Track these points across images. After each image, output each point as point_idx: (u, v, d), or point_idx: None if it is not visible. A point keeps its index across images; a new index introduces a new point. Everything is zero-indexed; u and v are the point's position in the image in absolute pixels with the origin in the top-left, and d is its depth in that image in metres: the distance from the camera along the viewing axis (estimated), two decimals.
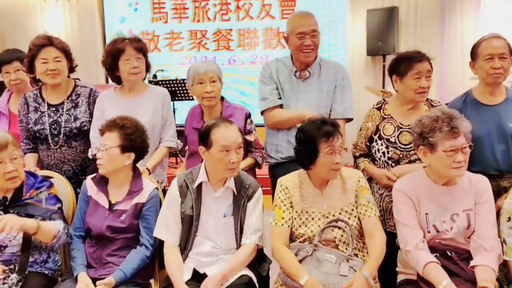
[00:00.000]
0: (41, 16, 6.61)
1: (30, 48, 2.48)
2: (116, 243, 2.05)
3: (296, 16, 2.70)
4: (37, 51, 2.45)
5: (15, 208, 2.02)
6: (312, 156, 1.95)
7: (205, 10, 6.45)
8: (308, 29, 2.49)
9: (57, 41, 2.52)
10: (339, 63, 2.69)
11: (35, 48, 2.45)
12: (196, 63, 2.54)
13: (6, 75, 2.76)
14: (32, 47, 2.46)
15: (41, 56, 2.45)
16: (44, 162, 2.54)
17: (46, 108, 2.54)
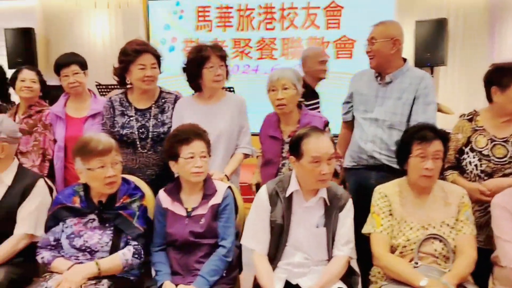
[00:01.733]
0: (87, 21, 6.71)
1: (126, 53, 2.48)
2: (202, 249, 2.02)
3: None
4: (135, 57, 2.45)
5: (108, 214, 2.01)
6: (404, 156, 1.97)
7: (249, 19, 6.46)
8: (369, 37, 2.50)
9: (152, 47, 2.54)
10: (425, 72, 2.62)
11: (133, 54, 2.46)
12: (275, 69, 2.50)
13: (65, 78, 2.77)
14: (130, 52, 2.47)
15: (139, 62, 2.45)
16: (127, 166, 2.53)
17: (133, 112, 2.54)
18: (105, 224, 2.01)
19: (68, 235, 2.00)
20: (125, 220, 2.01)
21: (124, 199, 2.05)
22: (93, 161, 1.94)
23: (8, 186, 2.17)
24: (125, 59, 2.50)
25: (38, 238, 2.16)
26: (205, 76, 2.44)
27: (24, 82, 2.88)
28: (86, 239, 1.98)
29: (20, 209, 2.14)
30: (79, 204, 2.04)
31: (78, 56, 2.81)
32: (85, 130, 2.74)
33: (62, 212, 2.03)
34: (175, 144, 2.04)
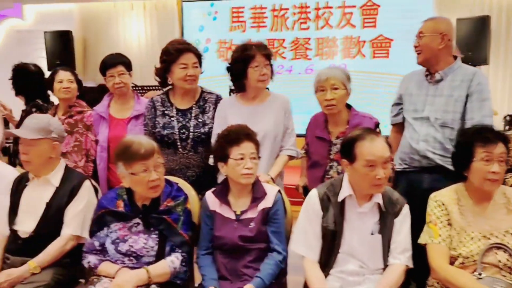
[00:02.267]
0: (123, 24, 6.80)
1: (168, 53, 2.46)
2: (251, 254, 1.95)
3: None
4: (177, 56, 2.43)
5: (153, 219, 1.97)
6: (466, 161, 1.84)
7: (283, 19, 6.39)
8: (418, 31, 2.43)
9: (193, 46, 2.51)
10: (477, 69, 2.49)
11: (176, 53, 2.43)
12: (323, 69, 2.42)
13: (110, 79, 2.76)
14: (172, 52, 2.44)
15: (181, 61, 2.43)
16: (168, 167, 2.50)
17: (174, 112, 2.51)
18: (150, 228, 1.97)
19: (113, 240, 1.97)
20: (169, 226, 1.96)
21: (168, 202, 2.01)
22: (135, 166, 1.90)
23: (56, 187, 2.16)
24: (167, 59, 2.48)
25: (85, 239, 2.15)
26: (250, 75, 2.38)
27: (61, 83, 2.89)
28: (131, 244, 1.95)
29: (67, 210, 2.13)
30: (123, 208, 2.00)
31: (124, 57, 2.81)
32: (129, 131, 2.73)
33: (106, 217, 2.00)
34: (225, 145, 1.98)
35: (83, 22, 6.84)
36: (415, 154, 2.36)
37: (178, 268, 1.93)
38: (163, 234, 1.96)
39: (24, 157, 2.10)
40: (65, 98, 2.89)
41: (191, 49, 2.48)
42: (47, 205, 2.13)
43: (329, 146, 2.36)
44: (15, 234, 2.11)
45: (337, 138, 2.34)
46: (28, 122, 2.12)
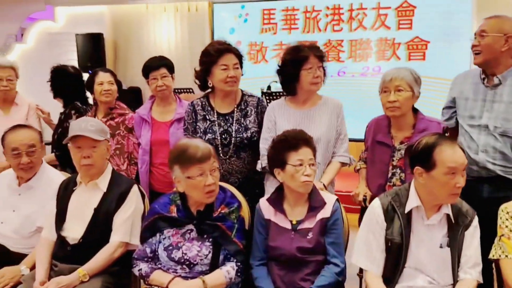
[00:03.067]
0: (153, 26, 6.78)
1: (208, 54, 2.39)
2: (309, 266, 1.86)
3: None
4: (217, 57, 2.35)
5: (206, 226, 1.89)
6: None
7: (316, 21, 6.28)
8: (478, 30, 2.27)
9: (234, 47, 2.43)
10: None
11: (216, 54, 2.36)
12: (390, 69, 2.29)
13: (153, 81, 2.71)
14: (212, 53, 2.37)
15: (221, 62, 2.35)
16: None
17: (215, 117, 2.44)
18: (204, 236, 1.89)
19: (166, 247, 1.90)
20: (223, 234, 1.88)
21: (222, 209, 1.93)
22: (192, 169, 1.83)
23: (104, 192, 2.10)
24: (207, 60, 2.40)
25: (133, 246, 2.08)
26: (302, 78, 2.28)
27: (102, 85, 2.84)
28: (185, 251, 1.87)
29: (115, 216, 2.07)
30: (176, 213, 1.93)
31: (166, 60, 2.76)
32: (171, 134, 2.68)
33: (159, 223, 1.93)
34: (282, 150, 1.89)
35: (113, 24, 6.85)
36: (473, 164, 2.22)
37: (234, 278, 1.85)
38: (217, 242, 1.88)
39: (87, 160, 2.04)
40: (106, 100, 2.84)
41: (231, 50, 2.40)
42: (95, 210, 2.07)
43: (391, 152, 2.23)
44: (62, 240, 2.06)
45: (401, 143, 2.22)
46: (85, 125, 2.06)
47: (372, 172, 2.31)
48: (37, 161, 2.26)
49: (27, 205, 2.25)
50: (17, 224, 2.21)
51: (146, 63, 2.74)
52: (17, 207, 2.25)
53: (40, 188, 2.27)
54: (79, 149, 2.06)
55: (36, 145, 2.25)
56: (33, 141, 2.24)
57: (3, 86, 2.95)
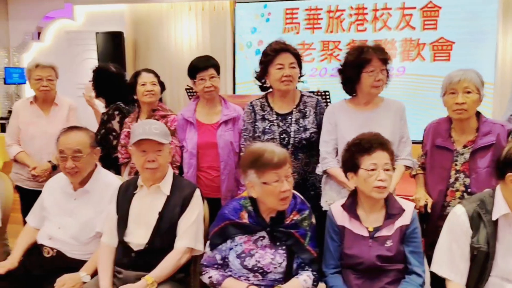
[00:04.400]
0: (173, 25, 6.72)
1: (265, 54, 2.35)
2: (389, 275, 1.79)
3: None
4: (273, 57, 2.32)
5: (279, 233, 1.82)
6: None
7: (339, 21, 6.21)
8: None
9: (292, 46, 2.38)
10: None
11: (272, 54, 2.32)
12: (455, 70, 2.23)
13: (201, 82, 2.61)
14: (269, 52, 2.34)
15: (277, 61, 2.32)
16: None
17: (274, 117, 2.38)
18: (277, 243, 1.83)
19: (239, 254, 1.83)
20: (297, 242, 1.82)
21: (294, 215, 1.86)
22: (268, 175, 1.76)
23: (167, 196, 2.04)
24: (264, 60, 2.38)
25: (198, 252, 2.03)
26: (363, 80, 2.22)
27: (145, 85, 2.76)
28: (258, 259, 1.81)
29: (180, 221, 2.00)
30: (247, 220, 1.86)
31: (214, 60, 2.67)
32: (218, 136, 2.60)
33: (230, 229, 1.86)
34: (356, 154, 1.83)
35: (133, 23, 6.78)
36: None
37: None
38: (291, 250, 1.82)
39: (153, 164, 1.98)
40: (149, 101, 2.77)
41: (288, 49, 2.37)
42: (159, 215, 2.00)
43: (453, 157, 2.17)
44: (126, 246, 1.99)
45: (465, 147, 2.15)
46: (149, 128, 1.99)
47: (431, 177, 2.23)
48: (83, 166, 2.16)
49: (84, 210, 2.18)
50: (75, 230, 2.14)
51: (193, 62, 2.65)
52: (73, 212, 2.18)
53: (96, 193, 2.20)
54: (143, 152, 1.99)
55: (83, 151, 2.15)
56: (79, 146, 2.15)
57: (43, 86, 2.87)
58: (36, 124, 2.88)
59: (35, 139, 2.86)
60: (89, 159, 2.19)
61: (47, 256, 2.13)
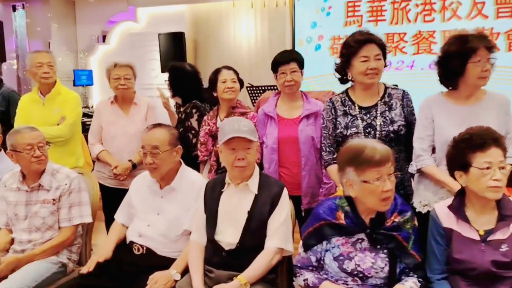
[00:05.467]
0: (233, 24, 6.73)
1: (348, 45, 2.24)
2: (505, 282, 1.64)
3: None
4: (357, 48, 2.20)
5: (380, 235, 1.72)
6: None
7: (405, 11, 5.96)
8: None
9: (377, 37, 2.26)
10: None
11: (356, 45, 2.20)
12: None
13: (282, 76, 2.56)
14: (351, 44, 2.22)
15: (362, 53, 2.20)
16: None
17: (357, 111, 2.28)
18: (377, 246, 1.73)
19: (337, 257, 1.75)
20: (400, 246, 1.71)
21: (395, 217, 1.75)
22: (369, 173, 1.66)
23: (255, 194, 2.00)
24: (346, 52, 2.26)
25: (288, 252, 1.97)
26: (469, 71, 2.05)
27: (225, 83, 2.75)
28: (357, 263, 1.72)
29: (270, 220, 1.95)
30: (343, 220, 1.77)
31: (297, 54, 2.61)
32: (300, 131, 2.54)
33: (326, 230, 1.78)
34: (466, 151, 1.69)
35: (193, 23, 6.86)
36: None
37: None
38: (393, 253, 1.71)
39: (242, 162, 1.95)
40: (229, 98, 2.75)
41: (374, 40, 2.24)
42: (248, 214, 1.96)
43: None
44: (216, 245, 1.97)
45: None
46: (238, 125, 1.96)
47: None
48: (160, 163, 2.16)
49: (171, 207, 2.19)
50: (163, 228, 2.15)
51: (276, 57, 2.61)
52: (161, 210, 2.19)
53: (182, 190, 2.21)
54: (233, 150, 1.96)
55: (160, 147, 2.15)
56: (157, 143, 2.16)
57: (121, 85, 2.93)
58: (117, 124, 2.94)
59: (116, 138, 2.93)
60: (167, 156, 2.18)
61: (137, 253, 2.16)
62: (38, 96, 3.01)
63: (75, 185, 2.33)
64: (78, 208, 2.33)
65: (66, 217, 2.30)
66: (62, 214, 2.30)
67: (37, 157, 2.25)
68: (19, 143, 2.24)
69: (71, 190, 2.32)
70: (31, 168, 2.27)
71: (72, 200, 2.32)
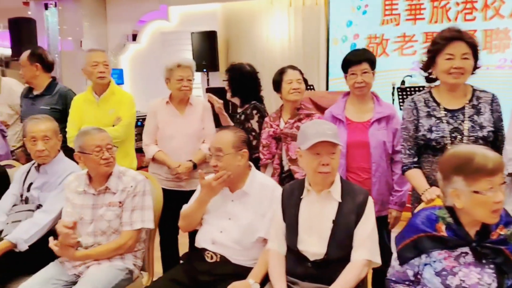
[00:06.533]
0: (266, 22, 6.64)
1: (434, 42, 2.13)
2: None
3: None
4: (443, 45, 2.08)
5: (485, 249, 1.60)
6: None
7: (445, 10, 5.81)
8: None
9: (466, 34, 2.13)
10: None
11: (442, 42, 2.08)
12: None
13: (352, 77, 2.45)
14: (438, 41, 2.11)
15: (447, 51, 2.07)
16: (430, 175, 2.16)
17: (443, 113, 2.16)
18: (482, 261, 1.61)
19: (439, 272, 1.63)
20: (508, 260, 1.59)
21: (500, 229, 1.63)
22: (481, 182, 1.54)
23: (338, 202, 1.90)
24: (433, 49, 2.14)
25: (375, 264, 1.87)
26: None
27: (291, 83, 2.65)
28: (462, 278, 1.60)
29: (356, 230, 1.86)
30: (444, 232, 1.66)
31: (369, 53, 2.50)
32: (371, 135, 2.43)
33: (426, 242, 1.66)
34: None
35: (226, 21, 6.78)
36: None
37: None
38: (501, 269, 1.60)
39: (326, 168, 1.85)
40: (294, 100, 2.65)
41: (462, 38, 2.10)
42: (333, 223, 1.86)
43: None
44: (299, 255, 1.87)
45: None
46: (322, 129, 1.86)
47: None
48: (224, 165, 2.07)
49: (243, 212, 2.10)
50: (237, 234, 2.06)
51: (347, 56, 2.49)
52: (233, 214, 2.11)
53: (254, 194, 2.11)
54: (317, 155, 1.86)
55: (223, 150, 2.07)
56: (221, 145, 2.09)
57: (184, 87, 2.83)
58: (174, 124, 2.86)
59: (173, 138, 2.85)
60: (231, 159, 2.09)
61: (210, 261, 2.07)
62: (93, 96, 2.95)
63: (140, 188, 2.26)
64: (140, 212, 2.25)
65: (128, 221, 2.23)
66: (124, 217, 2.22)
67: (106, 159, 2.18)
68: (88, 145, 2.18)
69: (136, 193, 2.24)
70: (99, 171, 2.20)
71: (135, 203, 2.24)
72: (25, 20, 6.40)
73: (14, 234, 2.23)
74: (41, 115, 2.53)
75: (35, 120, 2.45)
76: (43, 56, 3.31)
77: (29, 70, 3.27)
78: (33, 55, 3.28)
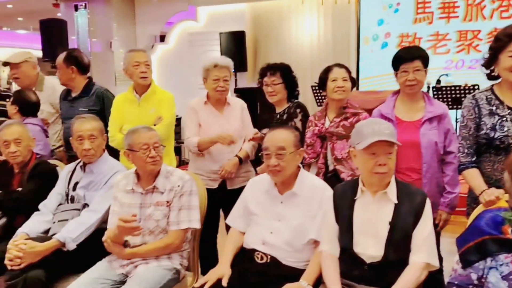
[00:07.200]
0: (295, 20, 6.60)
1: (497, 39, 2.07)
2: None
3: None
4: (506, 42, 2.03)
5: None
6: None
7: (479, 8, 5.68)
8: None
9: None
10: None
11: (506, 39, 2.02)
12: None
13: (403, 75, 2.37)
14: (501, 37, 2.05)
15: (510, 48, 2.01)
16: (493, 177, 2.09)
17: (506, 111, 2.09)
18: None
19: (506, 276, 1.57)
20: None
21: None
22: None
23: (395, 204, 1.84)
24: (495, 46, 2.09)
25: (433, 267, 1.82)
26: None
27: (335, 81, 2.60)
28: None
29: (415, 232, 1.80)
30: (511, 235, 1.60)
31: (422, 51, 2.42)
32: (422, 135, 2.37)
33: (491, 245, 1.60)
34: None
35: (253, 21, 6.78)
36: None
37: None
38: None
39: (383, 168, 1.81)
40: (339, 98, 2.60)
41: None
42: (390, 225, 1.81)
43: None
44: (355, 258, 1.83)
45: None
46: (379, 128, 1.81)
47: None
48: (285, 165, 2.04)
49: (293, 214, 2.06)
50: (287, 235, 2.03)
51: (398, 53, 2.43)
52: (282, 216, 2.07)
53: (304, 196, 2.08)
54: (373, 155, 1.82)
55: (287, 148, 2.04)
56: (283, 144, 2.05)
57: (220, 87, 2.82)
58: (215, 124, 2.84)
59: None
60: (292, 159, 2.06)
61: (260, 262, 2.04)
62: (134, 96, 2.96)
63: (188, 187, 2.24)
64: (187, 212, 2.24)
65: (174, 220, 2.22)
66: (171, 217, 2.22)
67: (153, 157, 2.18)
68: (136, 143, 2.18)
69: (183, 193, 2.23)
70: (146, 169, 2.20)
71: (182, 203, 2.23)
72: (56, 22, 6.51)
73: (63, 233, 2.24)
74: (87, 115, 2.54)
75: (82, 120, 2.46)
76: (78, 58, 3.32)
77: (65, 73, 3.28)
78: (68, 57, 3.28)
